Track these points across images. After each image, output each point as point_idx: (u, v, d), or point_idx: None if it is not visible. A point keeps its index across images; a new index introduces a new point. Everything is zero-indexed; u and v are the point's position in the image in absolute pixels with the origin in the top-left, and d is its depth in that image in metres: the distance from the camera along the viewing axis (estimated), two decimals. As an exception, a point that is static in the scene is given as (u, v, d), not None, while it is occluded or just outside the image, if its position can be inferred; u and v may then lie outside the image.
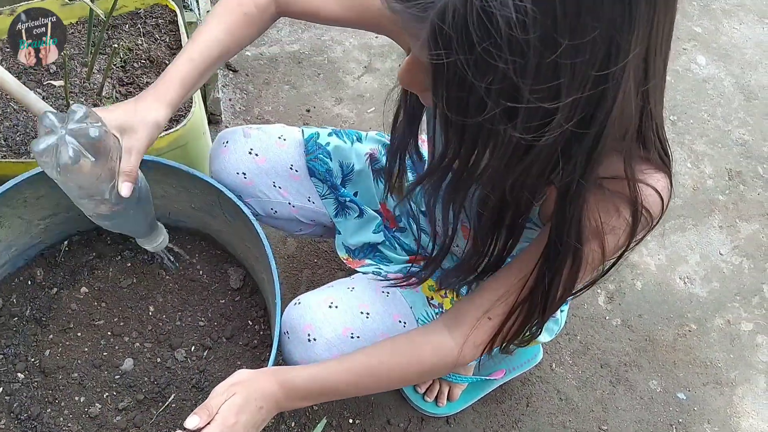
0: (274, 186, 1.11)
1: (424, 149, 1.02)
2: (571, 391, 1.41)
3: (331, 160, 1.13)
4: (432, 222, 0.83)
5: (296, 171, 1.11)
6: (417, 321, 1.02)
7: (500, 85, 0.54)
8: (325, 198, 1.14)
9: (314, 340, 0.95)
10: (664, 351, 1.49)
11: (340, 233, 1.16)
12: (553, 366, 1.43)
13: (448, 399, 1.32)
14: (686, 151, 1.82)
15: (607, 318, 1.52)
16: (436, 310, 1.04)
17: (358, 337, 0.96)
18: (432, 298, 1.05)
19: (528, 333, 0.84)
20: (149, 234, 1.07)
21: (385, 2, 0.58)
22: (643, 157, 0.72)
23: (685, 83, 1.96)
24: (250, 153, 1.08)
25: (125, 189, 0.84)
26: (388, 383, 0.90)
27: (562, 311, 1.16)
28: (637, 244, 0.77)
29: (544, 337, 1.15)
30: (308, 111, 1.75)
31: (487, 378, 1.30)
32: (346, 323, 0.97)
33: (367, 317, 0.98)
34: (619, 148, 0.66)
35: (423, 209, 1.10)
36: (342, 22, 1.00)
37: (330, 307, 0.98)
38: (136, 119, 0.85)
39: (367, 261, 1.15)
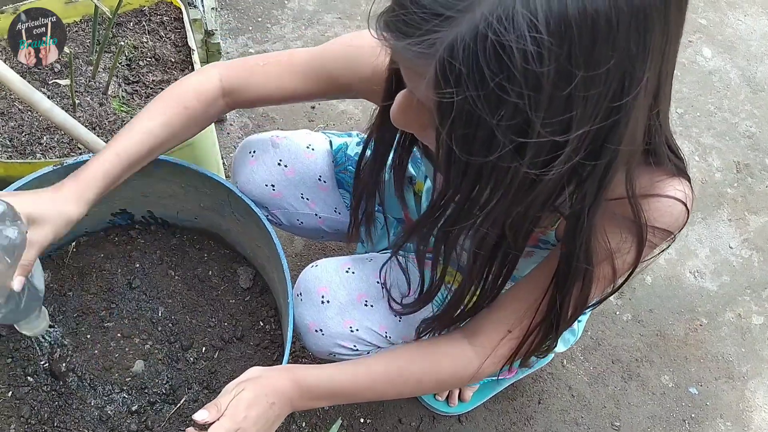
0: (302, 198, 1.09)
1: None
2: (582, 388, 1.40)
3: None
4: (420, 264, 0.81)
5: (324, 182, 1.09)
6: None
7: (511, 120, 0.52)
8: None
9: (328, 302, 0.94)
10: (676, 346, 1.48)
11: (363, 242, 1.14)
12: (565, 362, 1.42)
13: (459, 400, 1.31)
14: (693, 144, 1.81)
15: (618, 313, 1.51)
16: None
17: (372, 306, 0.95)
18: (449, 282, 1.04)
19: (543, 348, 0.84)
20: (32, 320, 0.94)
21: (384, 42, 0.56)
22: (655, 167, 0.71)
23: (691, 76, 1.95)
24: (279, 164, 1.05)
25: (16, 283, 0.77)
26: (405, 390, 0.89)
27: (579, 322, 1.15)
28: (659, 255, 0.77)
29: (560, 347, 1.15)
30: (313, 108, 1.74)
31: (499, 377, 1.29)
32: (362, 290, 0.95)
33: (383, 287, 0.97)
34: (625, 169, 0.65)
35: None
36: (307, 97, 0.94)
37: (347, 272, 0.97)
38: (48, 212, 0.80)
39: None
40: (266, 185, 1.05)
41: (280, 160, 1.05)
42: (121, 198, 1.13)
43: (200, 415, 0.78)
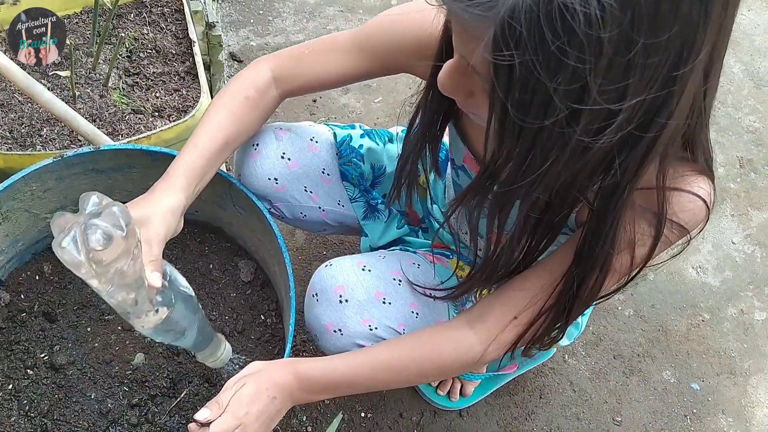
0: (306, 191, 1.08)
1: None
2: (584, 383, 1.39)
3: (363, 163, 1.11)
4: (474, 236, 0.79)
5: (328, 175, 1.09)
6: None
7: (569, 85, 0.52)
8: (355, 201, 1.12)
9: (346, 301, 0.93)
10: (677, 341, 1.47)
11: (366, 235, 1.14)
12: (566, 357, 1.42)
13: (460, 394, 1.31)
14: (696, 140, 1.80)
15: (620, 308, 1.50)
16: None
17: (389, 303, 0.94)
18: (461, 277, 1.03)
19: (548, 338, 0.83)
20: (207, 346, 0.93)
21: (440, 3, 0.56)
22: (685, 160, 0.70)
23: (695, 71, 1.94)
24: (282, 157, 1.05)
25: (155, 278, 0.76)
26: (407, 378, 0.88)
27: (583, 315, 1.14)
28: (668, 261, 0.76)
29: (564, 341, 1.14)
30: (314, 101, 1.73)
31: (501, 372, 1.29)
32: (379, 287, 0.95)
33: (399, 284, 0.96)
34: (659, 157, 0.63)
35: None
36: (354, 76, 0.96)
37: (363, 270, 0.96)
38: (148, 211, 0.81)
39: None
40: (269, 178, 1.05)
41: (284, 153, 1.05)
42: (122, 191, 1.13)
43: (202, 414, 0.78)
